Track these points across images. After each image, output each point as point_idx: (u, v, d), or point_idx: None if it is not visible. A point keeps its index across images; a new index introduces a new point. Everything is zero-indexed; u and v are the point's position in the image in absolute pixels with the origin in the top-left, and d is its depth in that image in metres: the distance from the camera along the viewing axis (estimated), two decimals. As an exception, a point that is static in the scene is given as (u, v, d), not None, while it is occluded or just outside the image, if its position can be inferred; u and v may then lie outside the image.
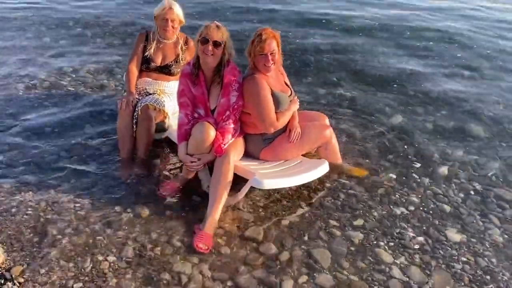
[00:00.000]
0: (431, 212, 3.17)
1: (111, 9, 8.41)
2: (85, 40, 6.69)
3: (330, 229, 2.96)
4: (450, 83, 5.49)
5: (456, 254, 2.80)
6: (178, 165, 3.55)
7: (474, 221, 3.10)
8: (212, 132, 2.98)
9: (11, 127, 4.05)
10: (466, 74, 5.84)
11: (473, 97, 5.10)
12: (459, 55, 6.57)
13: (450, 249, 2.83)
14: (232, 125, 3.08)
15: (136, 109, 3.50)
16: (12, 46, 6.35)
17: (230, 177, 2.96)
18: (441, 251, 2.81)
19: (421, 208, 3.20)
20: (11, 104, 4.51)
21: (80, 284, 2.39)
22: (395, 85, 5.36)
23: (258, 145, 3.27)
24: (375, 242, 2.86)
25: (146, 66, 3.77)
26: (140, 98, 3.65)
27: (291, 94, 3.32)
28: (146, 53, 3.75)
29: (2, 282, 2.30)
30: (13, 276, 2.35)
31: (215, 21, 3.04)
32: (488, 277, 2.63)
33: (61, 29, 7.19)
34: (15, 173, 3.36)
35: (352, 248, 2.80)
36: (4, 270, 2.38)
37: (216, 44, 2.97)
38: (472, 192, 3.42)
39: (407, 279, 2.59)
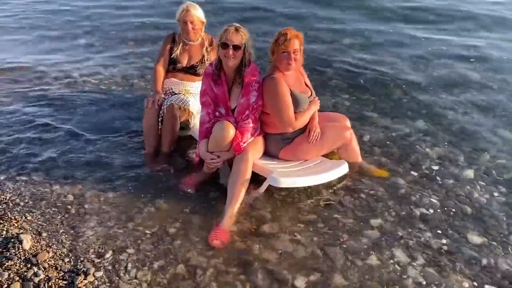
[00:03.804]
0: (452, 213, 3.12)
1: (145, 13, 8.59)
2: (118, 42, 6.89)
3: (347, 227, 2.97)
4: (479, 89, 5.31)
5: (476, 256, 2.75)
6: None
7: (497, 223, 3.04)
8: (231, 131, 3.06)
9: (42, 122, 4.26)
10: (497, 79, 5.62)
11: (503, 103, 4.95)
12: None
13: (469, 251, 2.79)
14: (251, 124, 3.15)
15: (162, 107, 3.63)
16: (48, 47, 6.66)
17: (248, 175, 3.02)
18: (459, 253, 2.77)
19: (442, 210, 3.16)
20: (44, 101, 4.76)
21: (101, 273, 2.50)
22: (421, 90, 5.22)
23: (278, 144, 3.31)
24: (392, 242, 2.85)
25: (172, 67, 3.89)
26: (166, 97, 3.77)
27: (311, 95, 3.34)
28: (173, 55, 3.87)
29: (29, 266, 2.45)
30: (39, 261, 2.49)
31: (234, 24, 3.10)
32: (506, 281, 2.58)
33: (96, 31, 7.42)
34: (46, 167, 3.55)
35: (368, 247, 2.80)
36: (31, 256, 2.53)
37: (236, 47, 3.03)
38: (496, 194, 3.34)
39: (423, 279, 2.56)
